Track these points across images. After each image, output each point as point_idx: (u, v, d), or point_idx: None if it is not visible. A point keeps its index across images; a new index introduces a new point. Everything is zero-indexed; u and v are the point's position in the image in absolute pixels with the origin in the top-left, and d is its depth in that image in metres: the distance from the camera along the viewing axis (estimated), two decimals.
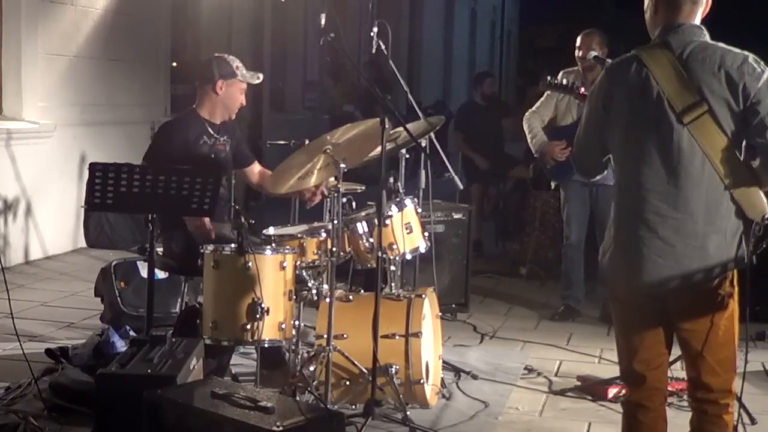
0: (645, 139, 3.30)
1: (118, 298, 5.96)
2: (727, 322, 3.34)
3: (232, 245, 4.57)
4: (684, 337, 3.39)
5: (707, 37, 3.33)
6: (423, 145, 5.22)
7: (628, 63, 3.37)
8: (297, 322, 4.80)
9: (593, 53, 6.34)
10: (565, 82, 4.63)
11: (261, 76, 5.24)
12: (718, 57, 3.25)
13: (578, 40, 6.63)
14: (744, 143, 3.24)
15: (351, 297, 4.82)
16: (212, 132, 5.10)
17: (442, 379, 5.05)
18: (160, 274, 5.44)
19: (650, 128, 3.29)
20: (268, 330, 4.52)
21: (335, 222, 4.68)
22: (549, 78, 4.56)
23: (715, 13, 3.46)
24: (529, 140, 6.80)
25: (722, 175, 3.23)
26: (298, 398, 4.31)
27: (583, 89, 4.42)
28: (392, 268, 5.08)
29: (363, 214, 5.11)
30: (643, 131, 3.31)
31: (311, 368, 4.70)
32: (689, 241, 3.26)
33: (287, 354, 4.92)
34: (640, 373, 3.47)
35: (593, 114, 3.48)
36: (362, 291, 5.04)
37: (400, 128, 4.91)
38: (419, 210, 5.28)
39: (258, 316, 4.46)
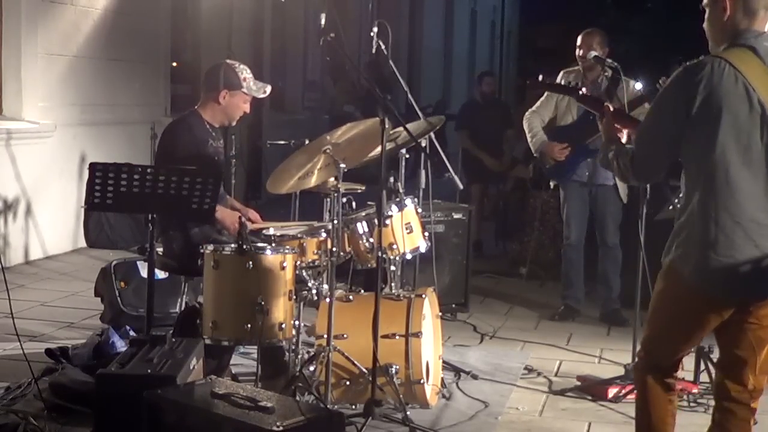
0: (749, 147, 3.27)
1: (118, 298, 5.96)
2: None
3: (233, 245, 4.57)
4: (748, 336, 3.38)
5: None
6: (423, 145, 5.22)
7: (718, 67, 3.29)
8: (297, 322, 4.80)
9: (593, 53, 6.33)
10: (563, 82, 4.33)
11: (268, 89, 5.18)
12: None
13: (579, 39, 6.62)
14: None
15: (351, 297, 4.82)
16: (213, 134, 5.10)
17: (442, 379, 5.05)
18: (160, 274, 5.43)
19: (755, 136, 3.27)
20: (268, 330, 4.52)
21: (335, 222, 4.68)
22: (541, 77, 4.30)
23: None
24: (528, 140, 6.80)
25: None
26: (298, 398, 4.31)
27: (584, 90, 4.21)
28: (392, 268, 5.08)
29: (363, 214, 5.11)
30: (749, 138, 3.27)
31: (311, 368, 4.70)
32: None
33: (287, 354, 4.92)
34: (668, 367, 3.54)
35: (668, 117, 3.38)
36: (362, 291, 5.03)
37: (400, 128, 4.91)
38: (419, 210, 5.28)
39: (258, 316, 4.46)
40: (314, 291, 4.92)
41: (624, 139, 3.69)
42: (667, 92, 3.42)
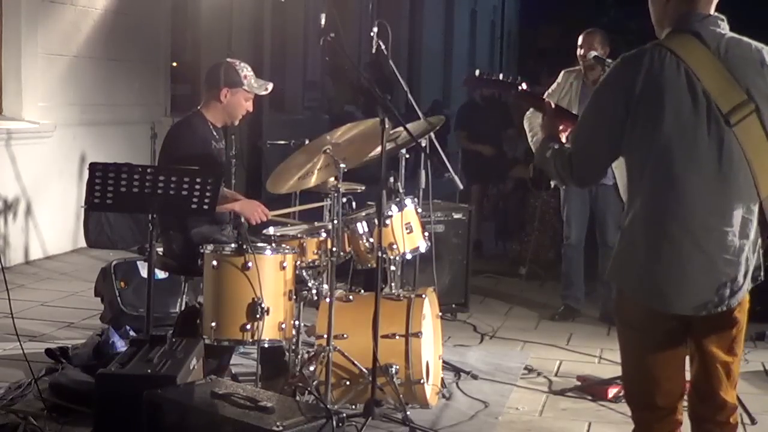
0: (695, 144, 2.97)
1: (118, 298, 5.96)
2: (742, 334, 3.16)
3: (232, 245, 4.57)
4: (712, 355, 3.12)
5: (728, 29, 3.09)
6: (423, 145, 5.22)
7: (659, 56, 3.01)
8: (297, 322, 4.80)
9: (594, 53, 6.33)
10: (501, 77, 3.88)
11: (270, 86, 5.17)
12: (755, 53, 3.04)
13: (580, 39, 6.62)
14: None
15: (351, 297, 4.82)
16: (216, 135, 5.10)
17: (442, 379, 5.05)
18: (160, 274, 5.44)
19: (701, 131, 2.97)
20: (268, 330, 4.52)
21: (335, 222, 4.68)
22: (478, 72, 3.86)
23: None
24: (529, 139, 6.79)
25: (757, 182, 2.98)
26: (298, 398, 4.31)
27: (524, 85, 3.76)
28: (392, 268, 5.08)
29: (363, 214, 5.11)
30: (695, 133, 2.97)
31: (311, 368, 4.70)
32: (728, 255, 3.00)
33: (287, 354, 4.91)
34: (664, 408, 3.19)
35: (607, 113, 3.08)
36: (362, 291, 5.03)
37: (400, 128, 4.91)
38: (419, 210, 5.27)
39: (258, 316, 4.46)
40: (314, 291, 4.92)
41: (564, 139, 3.38)
42: (605, 85, 3.13)
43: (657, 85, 2.99)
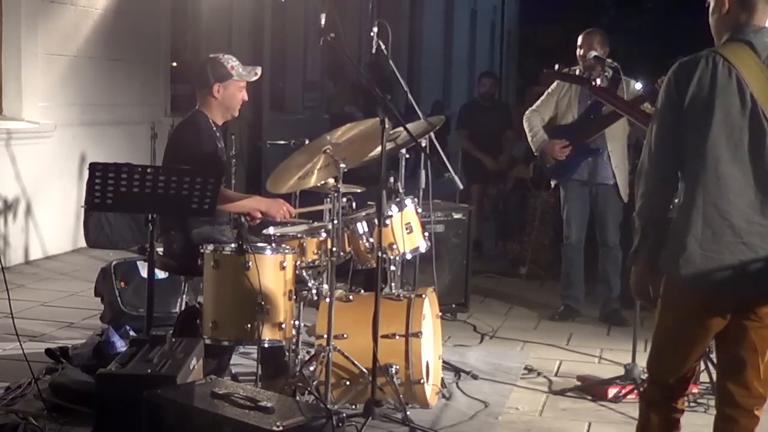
0: (741, 143, 3.22)
1: (118, 298, 5.96)
2: None
3: (232, 245, 4.57)
4: (750, 335, 3.31)
5: None
6: (423, 145, 5.22)
7: (713, 60, 3.25)
8: (297, 322, 4.80)
9: (593, 53, 6.33)
10: (577, 72, 4.14)
11: (259, 70, 5.15)
12: None
13: (579, 39, 6.60)
14: None
15: (351, 297, 4.83)
16: (218, 135, 5.09)
17: (442, 379, 5.05)
18: (160, 274, 5.43)
19: (746, 131, 3.22)
20: (268, 330, 4.52)
21: (335, 222, 4.68)
22: (557, 67, 4.12)
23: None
24: (529, 139, 6.80)
25: None
26: (298, 398, 4.32)
27: (599, 81, 3.98)
28: (392, 268, 5.08)
29: (363, 214, 5.11)
30: (741, 133, 3.22)
31: (311, 368, 4.70)
32: None
33: (287, 354, 4.91)
34: (673, 385, 3.42)
35: (669, 113, 3.32)
36: (362, 291, 5.04)
37: (400, 128, 4.91)
38: (419, 210, 5.28)
39: (258, 316, 4.46)
40: (314, 291, 4.92)
41: None
42: (663, 90, 3.37)
43: (709, 88, 3.23)
